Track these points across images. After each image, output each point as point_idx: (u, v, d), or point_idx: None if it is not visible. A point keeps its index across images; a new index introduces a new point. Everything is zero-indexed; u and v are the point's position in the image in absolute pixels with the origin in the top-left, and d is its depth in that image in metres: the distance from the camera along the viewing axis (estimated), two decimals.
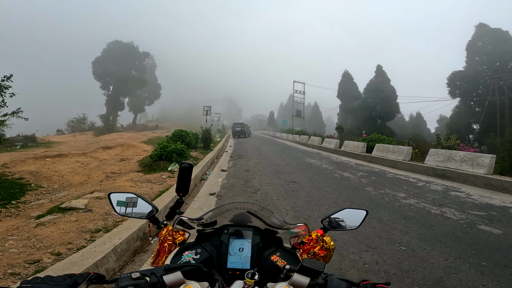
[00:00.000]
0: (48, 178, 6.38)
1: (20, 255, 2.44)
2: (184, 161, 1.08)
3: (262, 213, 0.98)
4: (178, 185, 1.10)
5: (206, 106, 22.58)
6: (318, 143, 18.26)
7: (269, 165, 9.39)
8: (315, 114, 65.40)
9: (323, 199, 5.04)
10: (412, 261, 2.68)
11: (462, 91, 29.02)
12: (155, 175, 6.59)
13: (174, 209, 1.12)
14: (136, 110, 49.34)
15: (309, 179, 6.89)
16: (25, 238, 2.81)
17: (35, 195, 5.03)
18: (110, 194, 1.06)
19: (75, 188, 5.66)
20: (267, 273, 0.86)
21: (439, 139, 10.58)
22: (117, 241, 2.67)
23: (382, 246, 3.04)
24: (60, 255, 2.48)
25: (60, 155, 9.93)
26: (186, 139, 11.81)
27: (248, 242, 0.92)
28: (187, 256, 0.91)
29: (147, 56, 48.57)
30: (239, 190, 5.81)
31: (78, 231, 3.00)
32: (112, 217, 3.52)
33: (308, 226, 1.01)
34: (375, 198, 5.13)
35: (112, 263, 2.48)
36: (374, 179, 6.99)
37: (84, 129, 32.80)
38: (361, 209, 1.06)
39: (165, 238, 1.05)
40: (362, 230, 3.45)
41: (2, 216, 3.72)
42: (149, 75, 48.23)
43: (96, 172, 7.64)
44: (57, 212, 3.61)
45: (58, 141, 16.26)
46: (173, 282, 0.62)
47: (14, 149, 11.41)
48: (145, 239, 3.16)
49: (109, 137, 19.63)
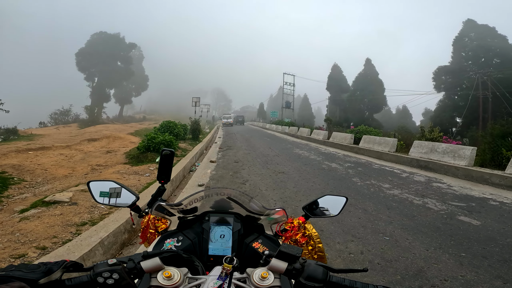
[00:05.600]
0: (31, 172, 6.21)
1: (4, 250, 2.39)
2: (165, 148, 1.07)
3: (242, 198, 0.98)
4: (159, 172, 1.09)
5: (195, 97, 22.27)
6: (307, 134, 18.40)
7: (258, 156, 9.42)
8: (305, 106, 65.69)
9: (310, 189, 5.12)
10: (395, 251, 2.75)
11: (447, 85, 29.84)
12: (142, 167, 6.49)
13: (156, 197, 1.11)
14: (122, 102, 48.18)
15: (297, 170, 6.97)
16: (9, 232, 2.76)
17: (18, 189, 4.91)
18: (90, 183, 1.04)
19: (59, 181, 5.53)
20: (249, 259, 0.87)
21: (423, 131, 10.82)
22: (103, 234, 2.63)
23: (367, 236, 3.11)
24: (45, 249, 2.43)
25: (43, 148, 9.64)
26: (175, 130, 11.66)
27: (229, 229, 0.92)
28: (169, 243, 0.90)
29: (134, 47, 47.19)
30: (228, 181, 5.82)
31: (63, 225, 2.94)
32: (98, 209, 3.46)
33: (287, 212, 1.02)
34: (361, 188, 5.25)
35: (99, 256, 2.45)
36: (361, 170, 7.15)
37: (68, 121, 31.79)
38: (341, 196, 1.08)
39: (146, 226, 1.04)
40: (348, 220, 3.53)
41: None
42: (136, 66, 47.01)
43: (81, 164, 7.47)
44: (41, 206, 3.53)
45: (41, 134, 15.74)
46: (151, 267, 0.61)
47: None
48: (133, 231, 3.12)
49: (94, 129, 19.16)
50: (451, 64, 30.42)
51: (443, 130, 12.75)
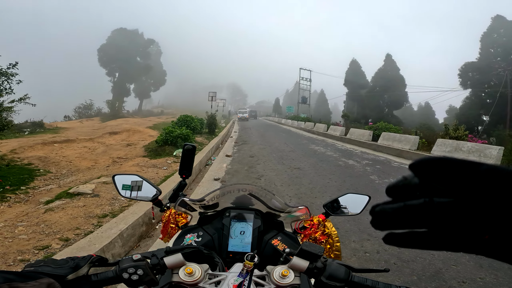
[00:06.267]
0: (56, 163, 6.50)
1: (29, 241, 2.46)
2: (187, 143, 1.07)
3: (264, 195, 0.97)
4: (181, 167, 1.09)
5: (212, 92, 22.45)
6: (323, 130, 18.14)
7: (273, 151, 9.40)
8: (321, 101, 64.62)
9: (326, 186, 5.05)
10: (412, 252, 2.68)
11: (474, 82, 28.46)
12: (160, 160, 6.66)
13: (177, 192, 1.12)
14: (141, 96, 49.51)
15: (313, 166, 6.89)
16: (34, 224, 2.84)
17: (43, 181, 5.09)
18: (115, 176, 1.06)
19: (83, 173, 5.76)
20: (268, 256, 0.87)
21: (447, 129, 10.38)
22: (123, 226, 2.69)
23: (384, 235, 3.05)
24: (68, 240, 2.51)
25: (68, 141, 10.10)
26: (191, 124, 11.84)
27: (249, 225, 0.92)
28: (189, 239, 0.91)
29: (152, 42, 48.26)
30: (243, 175, 5.85)
31: (86, 216, 3.02)
32: (119, 201, 3.56)
33: (310, 210, 1.01)
34: (379, 187, 5.11)
35: (118, 248, 2.51)
36: (379, 168, 6.96)
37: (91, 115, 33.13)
38: (364, 194, 1.05)
39: (167, 221, 1.05)
40: (365, 218, 3.45)
41: (12, 202, 3.77)
42: (154, 62, 48.02)
43: (103, 157, 7.77)
44: (66, 197, 3.65)
45: (66, 127, 16.48)
46: (173, 263, 0.62)
47: (23, 135, 11.62)
48: (150, 224, 3.19)
49: (115, 123, 19.81)
50: (479, 60, 28.94)
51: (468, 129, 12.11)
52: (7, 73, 4.50)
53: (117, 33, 44.56)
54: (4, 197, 3.87)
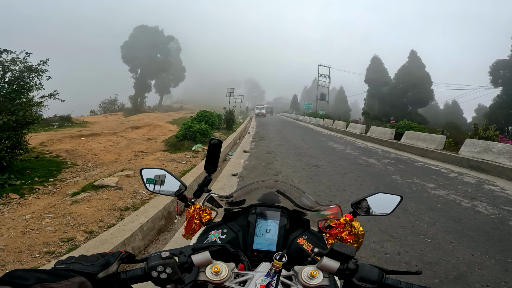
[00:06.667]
0: (82, 156, 6.79)
1: (55, 233, 2.52)
2: (213, 137, 1.04)
3: (292, 192, 0.94)
4: (206, 162, 1.06)
5: (230, 88, 22.61)
6: (342, 127, 17.73)
7: (291, 148, 9.32)
8: (340, 98, 63.04)
9: (345, 184, 4.94)
10: (436, 254, 2.61)
11: (506, 80, 26.76)
12: (179, 155, 6.80)
13: (202, 187, 1.10)
14: (162, 92, 50.76)
15: (332, 164, 6.76)
16: (61, 215, 2.90)
17: (70, 173, 5.28)
18: (142, 170, 1.06)
19: (107, 166, 5.98)
20: (293, 256, 0.84)
21: (477, 129, 9.87)
22: (143, 220, 2.74)
23: (405, 237, 2.96)
24: (92, 233, 2.57)
25: (93, 135, 10.56)
26: (210, 119, 11.99)
27: (275, 223, 0.89)
28: (213, 235, 0.90)
29: (172, 39, 49.14)
30: (260, 171, 5.85)
31: (109, 209, 3.10)
32: (140, 195, 3.64)
33: (342, 209, 0.97)
34: (402, 187, 4.94)
35: (138, 242, 2.55)
36: (402, 167, 6.71)
37: (115, 110, 34.32)
38: (395, 194, 1.01)
39: (192, 216, 1.04)
40: (386, 219, 3.36)
41: (40, 193, 3.88)
42: (174, 58, 48.93)
43: (126, 150, 8.05)
44: (91, 190, 3.75)
45: (91, 121, 17.20)
46: (201, 262, 0.61)
47: (51, 128, 12.27)
48: (169, 218, 3.24)
49: (137, 118, 20.45)
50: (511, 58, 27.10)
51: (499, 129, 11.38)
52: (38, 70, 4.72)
53: (139, 30, 45.74)
54: (33, 188, 4.00)
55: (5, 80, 4.39)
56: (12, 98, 4.44)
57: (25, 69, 4.54)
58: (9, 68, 4.42)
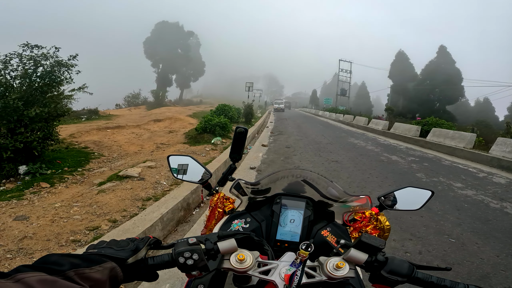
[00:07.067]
0: (108, 147, 7.08)
1: (82, 222, 2.59)
2: (239, 126, 1.03)
3: (319, 182, 0.92)
4: (232, 150, 1.05)
5: (249, 82, 22.58)
6: (364, 123, 17.21)
7: (310, 143, 9.19)
8: (362, 94, 61.06)
9: (366, 181, 4.81)
10: (459, 254, 2.52)
11: None
12: (199, 147, 6.93)
13: (227, 175, 1.09)
14: (182, 86, 51.75)
15: (352, 160, 6.60)
16: (87, 204, 2.99)
17: (97, 163, 5.50)
18: (169, 157, 1.07)
19: (131, 157, 6.19)
20: (316, 247, 0.83)
21: (509, 127, 9.33)
22: (164, 210, 2.78)
23: (428, 236, 2.87)
24: (116, 222, 2.63)
25: (118, 127, 10.98)
26: (229, 113, 12.08)
27: (300, 214, 0.87)
28: (236, 224, 0.89)
29: (191, 35, 49.92)
30: (278, 166, 5.83)
31: (132, 199, 3.19)
32: (161, 186, 3.73)
33: (372, 200, 0.93)
34: (427, 185, 4.72)
35: (158, 232, 2.59)
36: (427, 166, 6.41)
37: (138, 103, 35.53)
38: (426, 189, 0.96)
39: (216, 204, 1.03)
40: (408, 217, 3.25)
41: (69, 182, 4.04)
42: (194, 53, 49.66)
43: (148, 142, 8.31)
44: (116, 180, 3.85)
45: (117, 114, 17.91)
46: (226, 249, 0.61)
47: (80, 121, 12.92)
48: (188, 209, 3.30)
49: (159, 111, 21.01)
50: None
51: None
52: (68, 64, 4.93)
53: (160, 26, 46.88)
54: (63, 178, 4.16)
55: (37, 74, 4.60)
56: (44, 91, 4.66)
57: (55, 64, 4.75)
58: (40, 62, 4.64)
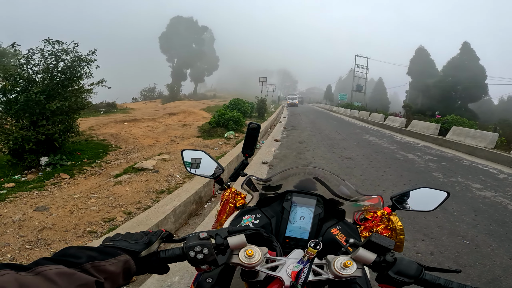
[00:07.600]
0: (125, 140, 7.28)
1: (98, 213, 2.63)
2: (252, 122, 1.04)
3: (331, 180, 0.91)
4: (244, 145, 1.06)
5: (262, 77, 22.49)
6: (380, 120, 16.79)
7: (323, 139, 9.10)
8: (379, 90, 59.31)
9: (380, 179, 4.72)
10: (472, 256, 2.46)
11: None
12: (212, 141, 7.01)
13: (238, 171, 1.10)
14: (196, 81, 52.23)
15: (366, 157, 6.48)
16: (104, 196, 3.04)
17: (115, 155, 5.64)
18: (183, 151, 1.09)
19: (146, 150, 6.34)
20: (324, 245, 0.83)
21: None
22: (176, 203, 2.81)
23: (441, 237, 2.81)
24: (130, 213, 2.67)
25: (135, 120, 11.25)
26: (242, 107, 12.12)
27: (310, 211, 0.87)
28: (246, 220, 0.89)
29: (206, 30, 50.18)
30: (291, 161, 5.81)
31: (147, 191, 3.24)
32: (174, 179, 3.79)
33: (384, 200, 0.92)
34: (444, 185, 4.59)
35: (170, 224, 2.62)
36: (445, 165, 6.21)
37: (153, 97, 36.19)
38: (442, 190, 0.94)
39: (227, 199, 1.05)
40: (422, 217, 3.19)
41: (88, 174, 4.16)
42: (208, 48, 49.89)
43: (163, 136, 8.49)
44: (131, 172, 3.90)
45: (133, 108, 18.31)
46: (236, 244, 0.61)
47: (99, 114, 13.34)
48: (200, 203, 3.34)
49: (173, 105, 21.32)
50: None
51: None
52: (87, 59, 5.10)
53: (175, 21, 47.37)
54: (82, 169, 4.27)
55: (58, 69, 4.78)
56: (65, 85, 4.84)
57: (75, 59, 4.92)
58: (61, 58, 4.81)
